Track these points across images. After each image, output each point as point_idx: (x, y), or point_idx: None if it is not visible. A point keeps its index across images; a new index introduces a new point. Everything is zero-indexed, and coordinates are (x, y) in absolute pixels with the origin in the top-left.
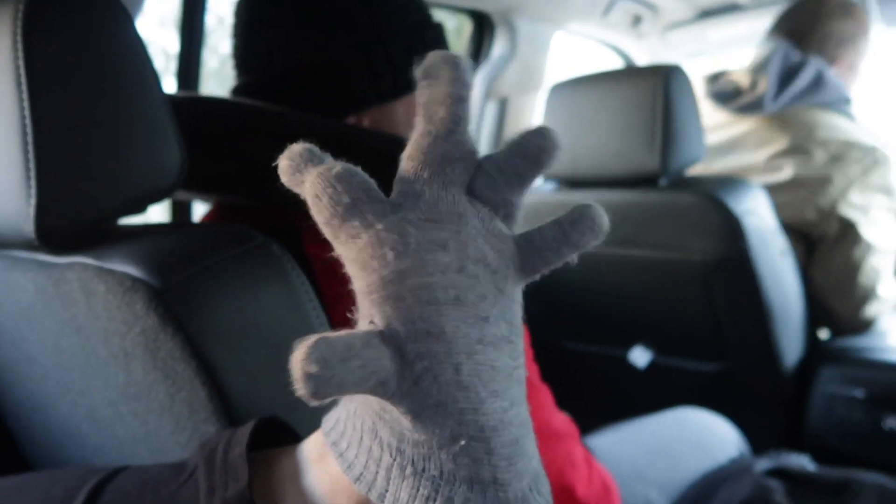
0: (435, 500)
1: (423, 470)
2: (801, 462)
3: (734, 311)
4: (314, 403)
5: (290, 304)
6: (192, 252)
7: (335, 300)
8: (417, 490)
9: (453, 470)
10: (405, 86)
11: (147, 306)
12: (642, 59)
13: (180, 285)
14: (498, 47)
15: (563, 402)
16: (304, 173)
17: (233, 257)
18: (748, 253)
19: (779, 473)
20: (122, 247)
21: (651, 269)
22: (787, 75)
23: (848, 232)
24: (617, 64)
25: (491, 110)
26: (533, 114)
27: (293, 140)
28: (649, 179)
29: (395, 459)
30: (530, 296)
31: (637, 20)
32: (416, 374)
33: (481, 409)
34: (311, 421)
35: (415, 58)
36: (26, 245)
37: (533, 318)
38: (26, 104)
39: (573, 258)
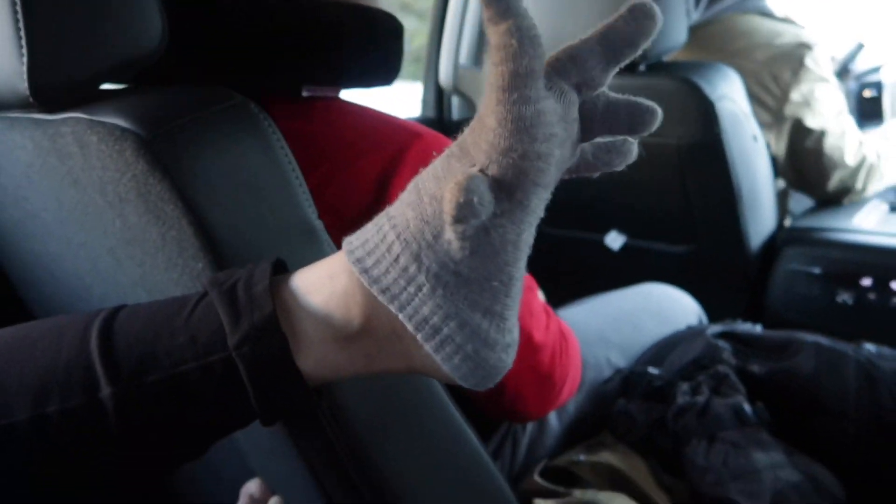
0: (453, 319)
1: (452, 294)
2: (751, 327)
3: (705, 195)
4: (459, 229)
5: (268, 157)
6: (176, 106)
7: (305, 171)
8: (441, 308)
9: (476, 300)
10: None
11: (136, 153)
12: None
13: (165, 135)
14: None
15: (540, 282)
16: (503, 9)
17: (213, 112)
18: (720, 136)
19: (729, 336)
20: (113, 102)
21: None
22: None
23: (799, 131)
24: None
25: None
26: None
27: (273, 21)
28: (628, 65)
29: (430, 282)
30: None
31: None
32: (493, 224)
33: (514, 264)
34: (282, 251)
35: None
36: (22, 104)
37: None
38: None
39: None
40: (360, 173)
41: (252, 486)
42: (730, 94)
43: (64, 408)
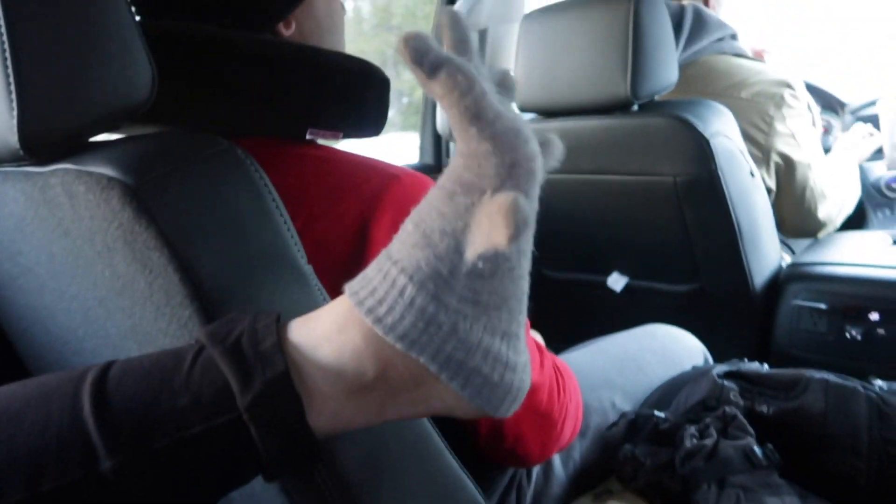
0: (477, 350)
1: (473, 325)
2: (757, 366)
3: (705, 232)
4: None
5: (254, 200)
6: (163, 154)
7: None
8: (464, 343)
9: (495, 325)
10: None
11: (122, 202)
12: None
13: (151, 182)
14: None
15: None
16: (433, 63)
17: (201, 158)
18: (717, 173)
19: (735, 376)
20: (100, 152)
21: (626, 194)
22: (676, 24)
23: (788, 165)
24: None
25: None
26: (512, 44)
27: (250, 64)
28: (622, 106)
29: (451, 318)
30: None
31: None
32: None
33: (524, 276)
34: (272, 296)
35: None
36: (13, 157)
37: None
38: (3, 26)
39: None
40: (338, 219)
41: None
42: (724, 130)
43: (60, 485)
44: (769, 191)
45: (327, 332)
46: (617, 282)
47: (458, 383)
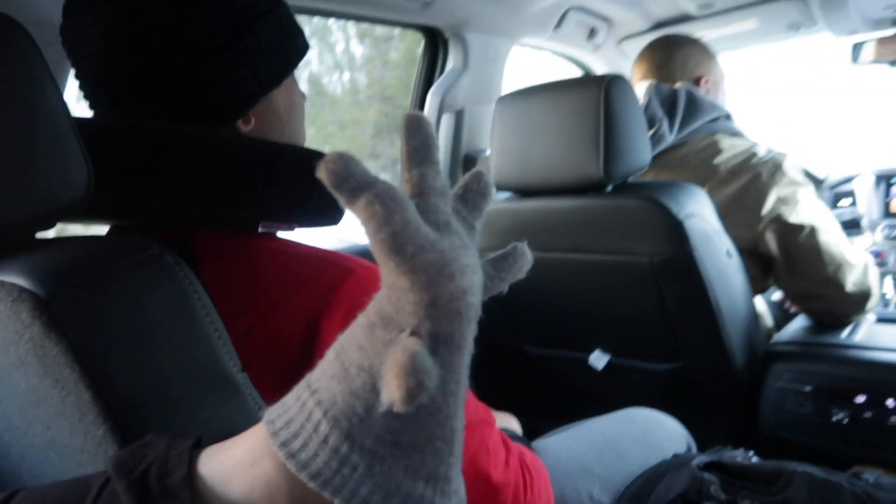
0: (395, 496)
1: (391, 469)
2: (741, 455)
3: (684, 312)
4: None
5: (181, 310)
6: (81, 262)
7: (237, 315)
8: (380, 487)
9: (418, 467)
10: (279, 71)
11: (32, 315)
12: (601, 68)
13: (66, 294)
14: (451, 61)
15: (524, 404)
16: (352, 189)
17: (123, 267)
18: (692, 254)
19: (716, 467)
20: (17, 259)
21: (603, 273)
22: (670, 106)
23: (785, 228)
24: (576, 74)
25: (447, 122)
26: (488, 123)
27: (199, 159)
28: (595, 186)
29: (365, 460)
30: (492, 302)
31: (592, 33)
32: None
33: (455, 416)
34: (197, 410)
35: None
36: None
37: (495, 323)
38: None
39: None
40: (290, 315)
41: None
42: (698, 211)
43: None
44: (773, 260)
45: (240, 463)
46: (599, 359)
47: None
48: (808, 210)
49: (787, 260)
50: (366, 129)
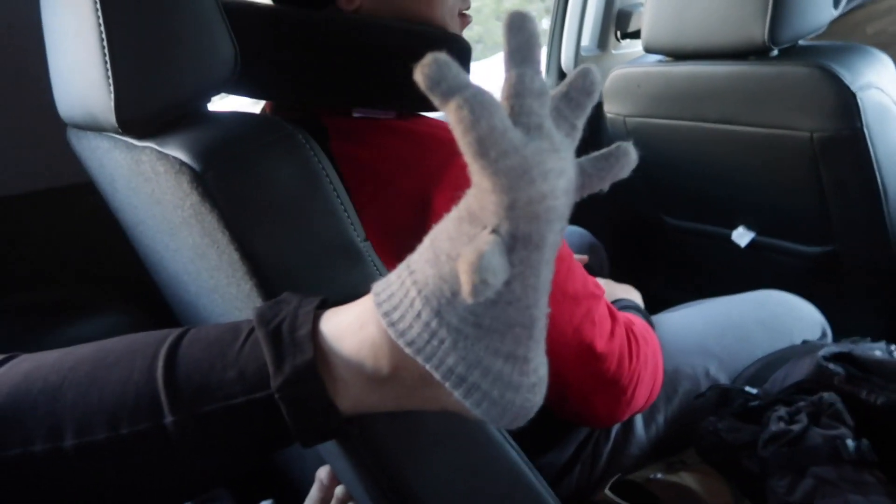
0: (476, 368)
1: (473, 345)
2: (881, 349)
3: (843, 194)
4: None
5: (310, 184)
6: (229, 140)
7: (360, 187)
8: (464, 359)
9: (498, 347)
10: None
11: (191, 185)
12: None
13: (216, 168)
14: None
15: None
16: (444, 92)
17: (262, 145)
18: (863, 132)
19: (845, 358)
20: (178, 135)
21: (755, 146)
22: None
23: None
24: None
25: None
26: None
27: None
28: (758, 51)
29: (451, 335)
30: (634, 171)
31: None
32: (513, 274)
33: (536, 305)
34: (325, 275)
35: None
36: (115, 130)
37: (635, 192)
38: (102, 27)
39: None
40: (400, 192)
41: (322, 473)
42: (877, 82)
43: (134, 430)
44: None
45: (351, 325)
46: (742, 236)
47: (460, 394)
48: None
49: None
50: None
